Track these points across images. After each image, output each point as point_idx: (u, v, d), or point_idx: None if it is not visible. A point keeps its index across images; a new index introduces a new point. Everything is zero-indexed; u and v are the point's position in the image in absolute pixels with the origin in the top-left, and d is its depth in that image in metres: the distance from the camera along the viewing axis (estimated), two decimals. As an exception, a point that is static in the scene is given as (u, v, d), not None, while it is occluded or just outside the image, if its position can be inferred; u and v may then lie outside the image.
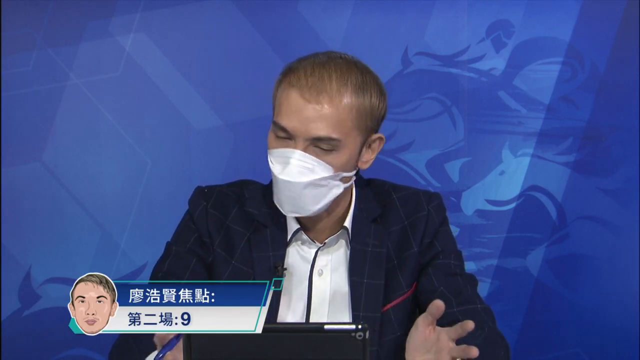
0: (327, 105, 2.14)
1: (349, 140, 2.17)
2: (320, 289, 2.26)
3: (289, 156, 2.15)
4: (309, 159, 2.15)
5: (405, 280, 2.27)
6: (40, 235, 3.26)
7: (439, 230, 2.31)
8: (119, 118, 3.27)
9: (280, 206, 2.20)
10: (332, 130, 2.14)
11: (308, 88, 2.14)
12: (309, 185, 2.15)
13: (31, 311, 3.27)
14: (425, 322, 1.97)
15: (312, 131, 2.14)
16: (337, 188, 2.20)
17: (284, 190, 2.16)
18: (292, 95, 2.16)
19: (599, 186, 3.31)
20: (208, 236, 2.27)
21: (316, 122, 2.14)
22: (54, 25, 3.25)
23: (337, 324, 1.71)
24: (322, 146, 2.15)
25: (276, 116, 2.18)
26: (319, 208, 2.19)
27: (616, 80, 3.30)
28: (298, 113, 2.14)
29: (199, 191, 2.32)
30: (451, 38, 3.31)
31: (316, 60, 2.20)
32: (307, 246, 2.27)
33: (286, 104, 2.16)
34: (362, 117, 2.18)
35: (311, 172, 2.15)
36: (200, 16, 3.27)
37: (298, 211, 2.19)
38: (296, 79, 2.16)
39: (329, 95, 2.14)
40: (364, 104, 2.18)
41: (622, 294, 3.30)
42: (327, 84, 2.15)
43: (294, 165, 2.15)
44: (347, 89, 2.16)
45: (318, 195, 2.17)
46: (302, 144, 2.15)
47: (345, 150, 2.17)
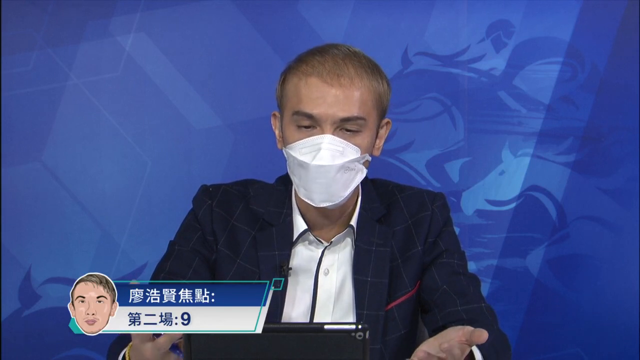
0: (349, 87, 2.17)
1: (371, 121, 2.20)
2: (325, 287, 2.26)
3: (319, 142, 2.16)
4: (339, 142, 2.17)
5: (409, 279, 2.27)
6: (40, 235, 3.26)
7: (443, 230, 2.32)
8: (119, 118, 3.27)
9: (310, 198, 2.19)
10: (358, 110, 2.17)
11: (327, 72, 2.17)
12: (341, 168, 2.16)
13: (31, 311, 3.27)
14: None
15: (339, 113, 2.16)
16: (362, 173, 2.22)
17: (316, 178, 2.17)
18: (312, 82, 2.18)
19: (599, 186, 3.31)
20: (212, 235, 2.27)
21: (342, 104, 2.16)
22: (54, 25, 3.25)
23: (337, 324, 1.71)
24: (349, 127, 2.17)
25: (297, 106, 2.18)
26: (347, 194, 2.20)
27: (616, 80, 3.30)
28: (322, 98, 2.16)
29: (203, 189, 2.32)
30: (451, 38, 3.31)
31: (324, 49, 2.23)
32: (314, 246, 2.27)
33: (307, 92, 2.17)
34: (379, 98, 2.22)
35: (342, 155, 2.17)
36: (200, 16, 3.27)
37: (329, 199, 2.19)
38: (311, 67, 2.19)
39: (349, 77, 2.18)
40: (378, 86, 2.22)
41: (622, 294, 3.30)
42: (343, 67, 2.18)
43: (326, 150, 2.16)
44: (362, 71, 2.20)
45: (347, 180, 2.19)
46: (330, 128, 2.17)
47: (368, 131, 2.20)
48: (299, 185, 2.21)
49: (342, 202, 2.21)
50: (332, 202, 2.19)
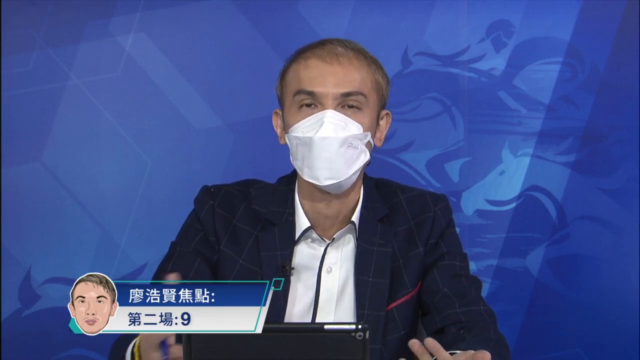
0: (349, 65, 2.22)
1: (371, 100, 2.24)
2: (328, 285, 2.27)
3: (322, 117, 2.19)
4: (341, 116, 2.20)
5: (410, 279, 2.27)
6: (40, 235, 3.26)
7: (445, 232, 2.32)
8: (119, 118, 3.27)
9: (314, 177, 2.20)
10: (358, 85, 2.21)
11: (327, 54, 2.23)
12: (344, 143, 2.18)
13: (31, 311, 3.27)
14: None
15: (340, 89, 2.20)
16: (364, 155, 2.23)
17: (320, 152, 2.18)
18: (312, 63, 2.22)
19: (599, 186, 3.31)
20: (214, 235, 2.27)
21: (342, 80, 2.21)
22: (54, 25, 3.25)
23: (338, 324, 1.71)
24: (351, 102, 2.21)
25: (298, 86, 2.22)
26: (351, 174, 2.21)
27: (616, 80, 3.30)
28: (323, 76, 2.21)
29: (205, 190, 2.32)
30: (451, 38, 3.31)
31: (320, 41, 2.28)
32: (316, 243, 2.28)
33: (307, 72, 2.22)
34: (378, 84, 2.26)
35: (344, 129, 2.19)
36: (200, 16, 3.27)
37: (334, 175, 2.19)
38: (310, 52, 2.24)
39: (347, 57, 2.23)
40: (376, 74, 2.27)
41: (622, 294, 3.30)
42: (342, 50, 2.24)
43: (329, 123, 2.18)
44: (360, 57, 2.25)
45: (351, 158, 2.20)
46: (332, 104, 2.20)
47: (369, 110, 2.23)
48: (302, 166, 2.22)
49: (346, 182, 2.21)
50: (337, 179, 2.20)
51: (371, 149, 2.26)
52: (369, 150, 2.25)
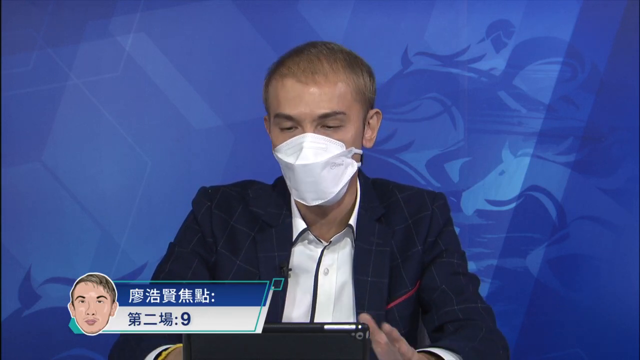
0: (325, 84, 2.18)
1: (353, 114, 2.21)
2: (325, 287, 2.27)
3: (301, 141, 2.17)
4: (321, 138, 2.17)
5: (409, 278, 2.27)
6: (40, 235, 3.26)
7: (443, 230, 2.32)
8: (119, 118, 3.27)
9: (302, 198, 2.20)
10: (336, 105, 2.18)
11: (302, 72, 2.19)
12: (327, 165, 2.17)
13: (31, 311, 3.27)
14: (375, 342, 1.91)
15: (317, 110, 2.17)
16: (352, 167, 2.22)
17: (303, 178, 2.17)
18: (288, 83, 2.19)
19: (599, 186, 3.31)
20: (212, 236, 2.27)
21: (319, 101, 2.17)
22: (54, 25, 3.25)
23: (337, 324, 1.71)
24: (330, 123, 2.18)
25: (277, 109, 2.20)
26: (339, 190, 2.20)
27: (616, 80, 3.30)
28: (299, 97, 2.17)
29: (203, 191, 2.32)
30: (451, 38, 3.31)
31: (300, 49, 2.25)
32: (313, 245, 2.28)
33: (284, 93, 2.19)
34: (359, 91, 2.22)
35: (325, 152, 2.17)
36: (200, 16, 3.27)
37: (321, 196, 2.19)
38: (287, 69, 2.21)
39: (323, 74, 2.19)
40: (357, 80, 2.22)
41: (622, 294, 3.30)
42: (317, 64, 2.19)
43: (308, 148, 2.16)
44: (338, 66, 2.20)
45: (336, 176, 2.19)
46: (310, 127, 2.17)
47: (351, 125, 2.20)
48: (290, 186, 2.22)
49: (336, 198, 2.21)
50: (325, 199, 2.19)
51: (360, 157, 2.25)
52: (356, 160, 2.23)
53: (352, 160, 2.22)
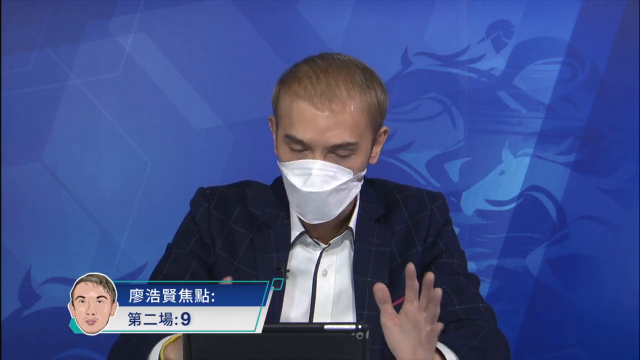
0: (341, 112, 2.15)
1: (364, 141, 2.19)
2: (324, 289, 2.26)
3: (310, 167, 2.15)
4: (330, 166, 2.16)
5: (409, 279, 2.27)
6: (40, 235, 3.26)
7: (443, 230, 2.32)
8: (119, 118, 3.27)
9: (303, 216, 2.21)
10: (349, 136, 2.15)
11: (318, 97, 2.14)
12: (333, 192, 2.16)
13: (31, 311, 3.27)
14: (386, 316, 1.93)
15: (330, 139, 2.14)
16: (356, 188, 2.22)
17: (308, 202, 2.17)
18: (303, 106, 2.15)
19: (599, 186, 3.31)
20: (210, 238, 2.27)
21: (333, 130, 2.14)
22: (54, 25, 3.25)
23: (337, 324, 1.71)
24: (341, 153, 2.16)
25: (288, 129, 2.16)
26: (341, 210, 2.21)
27: (616, 80, 3.30)
28: (313, 124, 2.14)
29: (200, 192, 2.32)
30: (451, 38, 3.31)
31: (317, 66, 2.19)
32: (311, 247, 2.27)
33: (298, 116, 2.15)
34: (373, 115, 2.20)
35: (333, 180, 2.16)
36: (200, 16, 3.27)
37: (322, 217, 2.19)
38: (303, 89, 2.16)
39: (340, 101, 2.15)
40: (372, 102, 2.19)
41: (622, 294, 3.30)
42: (335, 89, 2.15)
43: (317, 176, 2.15)
44: (355, 92, 2.16)
45: (340, 199, 2.19)
46: (320, 154, 2.15)
47: (362, 152, 2.19)
48: (292, 202, 2.22)
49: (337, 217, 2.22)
50: (325, 219, 2.20)
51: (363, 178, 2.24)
52: (360, 180, 2.23)
53: (357, 183, 2.22)
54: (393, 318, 1.90)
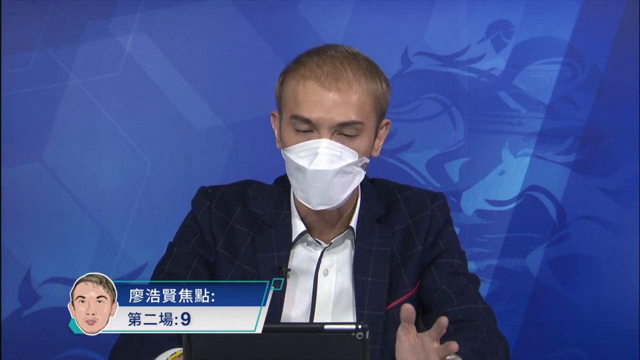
0: (347, 91, 2.17)
1: (369, 124, 2.20)
2: (325, 288, 2.27)
3: (317, 146, 2.16)
4: (337, 146, 2.16)
5: (409, 278, 2.27)
6: (40, 235, 3.26)
7: (443, 230, 2.32)
8: (119, 118, 3.27)
9: (307, 201, 2.19)
10: (356, 115, 2.17)
11: (325, 77, 2.16)
12: (339, 172, 2.16)
13: (31, 311, 3.27)
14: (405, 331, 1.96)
15: (337, 118, 2.16)
16: (360, 175, 2.22)
17: (313, 182, 2.16)
18: (310, 85, 2.17)
19: (599, 186, 3.31)
20: (211, 236, 2.27)
21: (339, 108, 2.16)
22: (54, 25, 3.25)
23: (337, 324, 1.71)
24: (347, 132, 2.17)
25: (294, 110, 2.18)
26: (345, 196, 2.20)
27: (616, 80, 3.30)
28: (320, 102, 2.16)
29: (202, 191, 2.32)
30: (451, 38, 3.31)
31: (322, 52, 2.22)
32: (312, 247, 2.27)
33: (305, 96, 2.17)
34: (378, 100, 2.21)
35: (340, 159, 2.16)
36: (200, 16, 3.27)
37: (327, 202, 2.18)
38: (309, 71, 2.18)
39: (347, 81, 2.17)
40: (377, 88, 2.21)
41: (622, 294, 3.30)
42: (341, 71, 2.17)
43: (324, 154, 2.15)
44: (361, 74, 2.19)
45: (345, 183, 2.18)
46: (327, 133, 2.16)
47: (366, 135, 2.20)
48: (296, 187, 2.21)
49: (340, 204, 2.21)
50: (330, 205, 2.19)
51: (367, 166, 2.25)
52: (364, 169, 2.23)
53: (361, 170, 2.22)
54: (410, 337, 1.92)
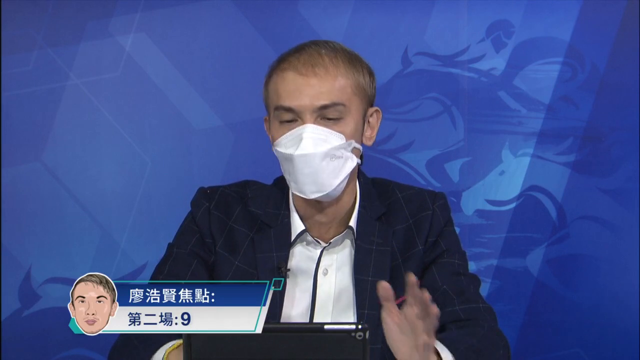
0: (325, 75, 2.20)
1: (353, 107, 2.21)
2: (324, 288, 2.27)
3: (301, 132, 2.17)
4: (320, 130, 2.18)
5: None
6: (40, 235, 3.26)
7: (444, 230, 2.32)
8: (119, 118, 3.27)
9: (301, 191, 2.20)
10: (336, 96, 2.19)
11: (302, 65, 2.20)
12: (326, 156, 2.17)
13: (31, 311, 3.27)
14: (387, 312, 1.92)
15: (317, 102, 2.18)
16: (351, 161, 2.22)
17: (302, 169, 2.17)
18: (289, 76, 2.21)
19: (599, 186, 3.31)
20: (210, 237, 2.27)
21: (319, 92, 2.18)
22: (54, 25, 3.25)
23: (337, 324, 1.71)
24: (330, 115, 2.18)
25: (277, 101, 2.21)
26: (339, 183, 2.20)
27: (616, 80, 3.30)
28: (300, 89, 2.18)
29: (201, 192, 2.32)
30: (451, 38, 3.31)
31: (301, 46, 2.26)
32: (312, 246, 2.27)
33: (284, 86, 2.20)
34: (359, 86, 2.23)
35: (325, 142, 2.17)
36: (200, 16, 3.27)
37: (320, 189, 2.19)
38: (287, 63, 2.22)
39: (323, 66, 2.20)
40: (357, 74, 2.24)
41: (622, 294, 3.30)
42: (318, 58, 2.21)
43: (308, 139, 2.17)
44: (338, 61, 2.22)
45: (336, 168, 2.19)
46: (310, 118, 2.18)
47: (351, 118, 2.21)
48: (289, 180, 2.22)
49: (335, 192, 2.21)
50: (324, 192, 2.19)
51: (359, 153, 2.25)
52: (356, 155, 2.23)
53: (352, 155, 2.22)
54: (393, 316, 1.90)
